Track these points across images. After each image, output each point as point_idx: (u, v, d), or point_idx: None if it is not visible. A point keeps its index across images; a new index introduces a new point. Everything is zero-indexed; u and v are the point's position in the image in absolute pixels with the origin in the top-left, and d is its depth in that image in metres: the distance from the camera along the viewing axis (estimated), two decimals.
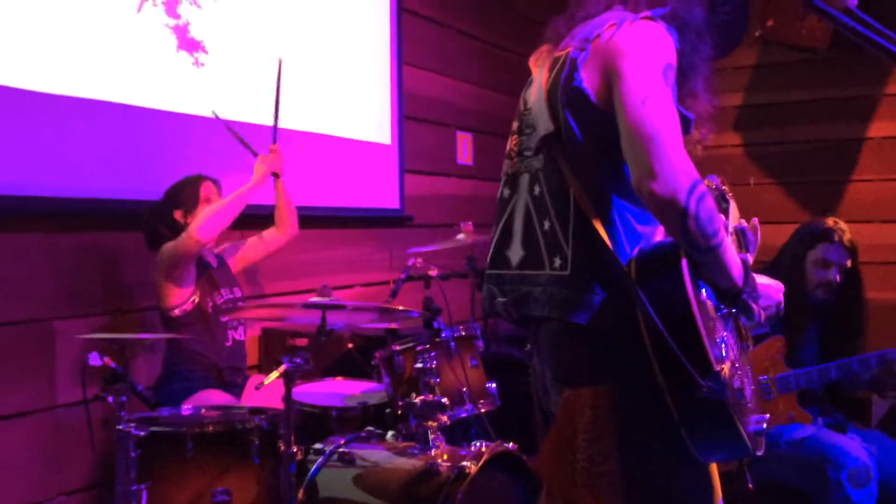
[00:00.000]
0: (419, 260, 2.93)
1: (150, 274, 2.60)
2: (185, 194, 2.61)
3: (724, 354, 1.41)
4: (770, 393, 2.45)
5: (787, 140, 4.44)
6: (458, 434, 2.64)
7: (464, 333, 2.41)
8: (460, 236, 2.94)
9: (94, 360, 1.99)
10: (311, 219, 3.31)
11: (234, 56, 3.07)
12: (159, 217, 2.60)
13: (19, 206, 2.40)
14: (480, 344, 2.45)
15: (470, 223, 2.96)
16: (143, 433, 1.93)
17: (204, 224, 2.46)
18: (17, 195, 2.39)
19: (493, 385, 2.43)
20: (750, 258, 1.57)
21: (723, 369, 1.35)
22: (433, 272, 2.74)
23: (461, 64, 4.42)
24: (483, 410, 2.38)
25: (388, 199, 3.89)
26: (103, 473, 2.57)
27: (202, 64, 2.95)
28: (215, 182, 2.68)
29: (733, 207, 1.78)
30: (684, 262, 1.39)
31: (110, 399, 1.94)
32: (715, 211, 1.36)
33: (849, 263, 2.60)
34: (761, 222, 1.64)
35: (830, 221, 2.64)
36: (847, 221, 2.80)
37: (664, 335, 1.33)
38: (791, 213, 4.25)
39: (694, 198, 1.32)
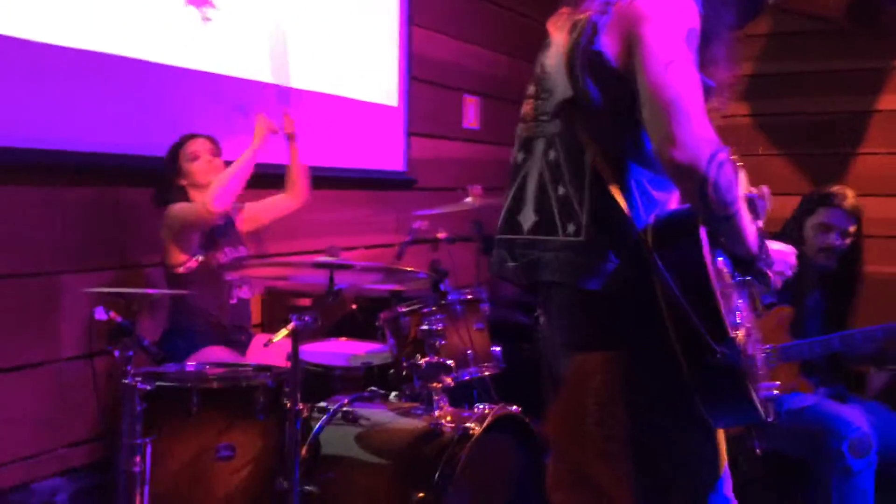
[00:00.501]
0: (425, 223, 2.92)
1: (155, 230, 2.59)
2: (173, 154, 2.61)
3: (738, 321, 1.41)
4: (772, 363, 2.46)
5: (797, 111, 4.41)
6: (460, 396, 2.65)
7: (470, 297, 2.41)
8: (468, 199, 2.93)
9: (100, 314, 1.99)
10: (316, 179, 3.28)
11: (242, 12, 3.03)
12: (161, 177, 2.59)
13: (25, 158, 2.38)
14: (486, 307, 2.45)
15: (479, 186, 2.94)
16: (148, 387, 1.93)
17: (218, 195, 2.46)
18: (23, 147, 2.37)
19: (498, 349, 2.43)
20: (760, 225, 1.56)
21: (737, 336, 1.36)
22: (442, 235, 2.73)
23: (469, 26, 4.36)
24: (487, 373, 2.39)
25: (393, 161, 3.87)
26: (105, 427, 2.58)
27: (209, 19, 2.90)
28: (209, 138, 2.66)
29: (742, 178, 1.76)
30: (702, 230, 1.39)
31: (116, 353, 1.94)
32: (734, 178, 1.35)
33: (852, 229, 2.58)
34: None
35: (835, 188, 2.62)
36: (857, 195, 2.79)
37: (681, 301, 1.33)
38: (799, 184, 4.23)
39: (714, 165, 1.31)
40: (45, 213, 2.48)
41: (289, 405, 1.96)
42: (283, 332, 1.89)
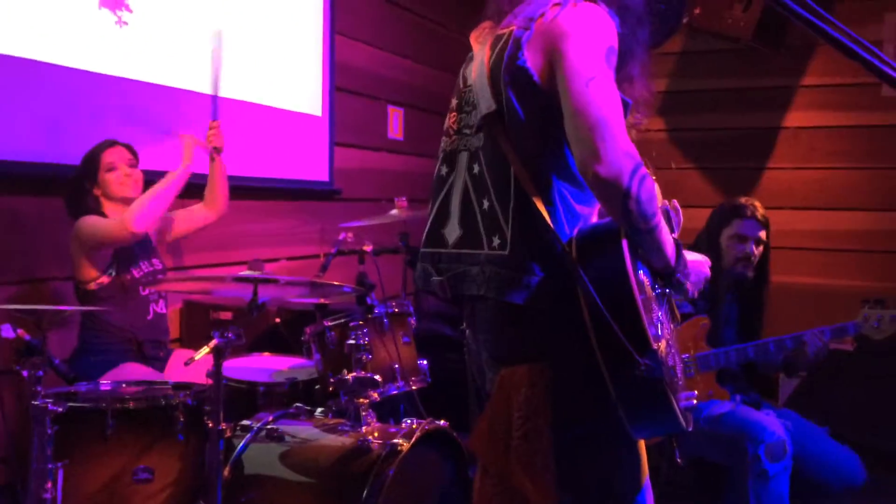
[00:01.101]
0: (350, 235, 2.88)
1: (63, 242, 2.47)
2: (88, 162, 2.49)
3: (659, 333, 1.44)
4: (690, 371, 2.53)
5: (708, 127, 4.58)
6: (386, 411, 2.63)
7: (397, 310, 2.39)
8: (394, 211, 2.91)
9: (7, 332, 1.89)
10: (237, 189, 3.21)
11: (159, 17, 2.93)
12: (74, 186, 2.47)
13: None
14: (413, 321, 2.43)
15: (404, 198, 2.93)
16: (60, 409, 1.84)
17: (139, 215, 2.35)
18: None
19: (425, 362, 2.42)
20: (675, 236, 1.61)
21: (659, 347, 1.39)
22: (367, 247, 2.70)
23: (394, 37, 4.36)
24: (415, 387, 2.37)
25: (317, 171, 3.81)
26: (11, 449, 2.44)
27: (125, 23, 2.80)
28: (127, 147, 2.55)
29: (657, 191, 1.81)
30: (624, 243, 1.41)
31: (25, 373, 1.84)
32: (654, 193, 1.38)
33: (763, 235, 2.70)
34: (681, 205, 1.68)
35: (743, 199, 2.74)
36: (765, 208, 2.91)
37: (604, 313, 1.34)
38: (710, 197, 4.39)
39: (636, 180, 1.34)
40: None
41: (211, 425, 1.89)
42: (205, 349, 1.83)
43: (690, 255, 1.55)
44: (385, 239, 3.32)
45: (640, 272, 1.48)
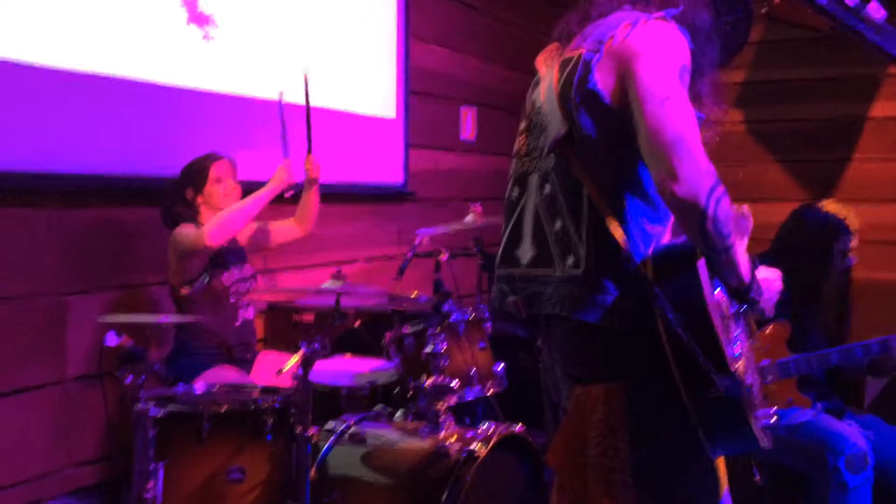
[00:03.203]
0: (426, 238, 2.95)
1: (160, 249, 2.61)
2: (195, 173, 2.61)
3: (738, 353, 1.45)
4: (769, 378, 2.50)
5: (789, 118, 4.45)
6: (463, 411, 2.69)
7: (473, 316, 2.44)
8: (469, 218, 2.96)
9: (112, 339, 2.02)
10: None
11: (244, 30, 3.05)
12: (173, 195, 2.61)
13: (31, 181, 2.40)
14: (489, 326, 2.48)
15: (479, 204, 2.97)
16: (160, 413, 1.96)
17: (216, 229, 2.46)
18: (29, 171, 2.39)
19: (501, 367, 2.47)
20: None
21: (738, 368, 1.39)
22: (443, 256, 2.76)
23: (466, 38, 4.39)
24: (491, 392, 2.42)
25: (391, 173, 3.89)
26: (111, 447, 2.61)
27: (212, 38, 2.92)
28: (231, 161, 2.68)
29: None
30: (701, 263, 1.42)
31: (128, 379, 1.97)
32: (731, 211, 1.38)
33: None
34: (761, 200, 1.67)
35: (838, 211, 2.68)
36: (846, 201, 2.85)
37: (682, 335, 1.35)
38: (791, 191, 4.27)
39: (713, 199, 1.34)
40: (49, 234, 2.50)
41: (299, 430, 1.99)
42: (294, 359, 1.92)
43: (761, 272, 1.54)
44: (460, 242, 3.37)
45: (717, 290, 1.49)
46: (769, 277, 1.58)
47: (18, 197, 2.42)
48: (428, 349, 2.30)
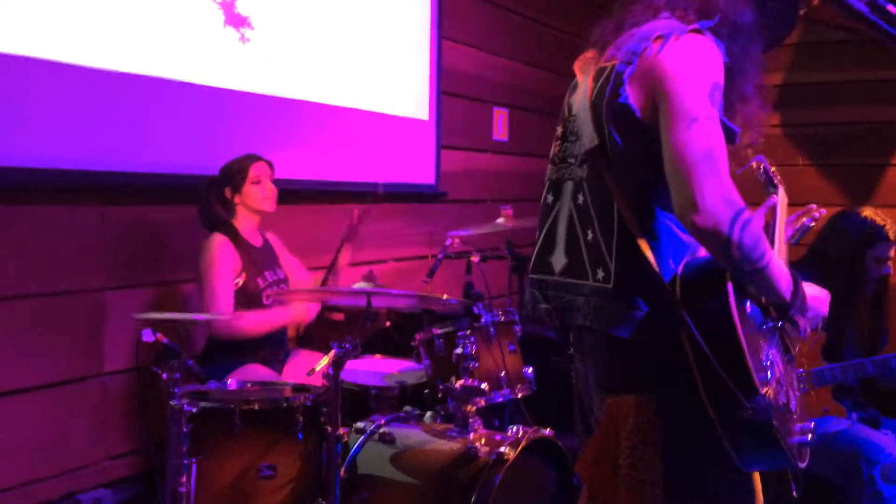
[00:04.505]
0: (456, 240, 2.96)
1: (195, 248, 2.64)
2: (235, 173, 2.64)
3: (769, 376, 1.40)
4: (804, 387, 2.47)
5: (826, 121, 4.38)
6: (492, 413, 2.69)
7: (503, 319, 2.44)
8: (500, 220, 2.96)
9: (148, 336, 2.05)
10: (348, 194, 3.35)
11: (279, 32, 3.09)
12: (211, 194, 2.65)
13: (73, 179, 2.46)
14: (518, 329, 2.48)
15: (510, 207, 2.97)
16: (194, 409, 2.00)
17: (236, 329, 2.52)
18: (71, 169, 2.45)
19: (530, 370, 2.47)
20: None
21: (767, 392, 1.35)
22: (475, 258, 2.76)
23: (498, 39, 4.39)
24: (520, 395, 2.42)
25: (423, 174, 3.91)
26: (146, 441, 2.66)
27: (248, 39, 2.96)
28: (269, 163, 2.71)
29: (782, 192, 1.77)
30: (730, 284, 1.38)
31: (164, 375, 2.00)
32: (761, 234, 1.34)
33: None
34: (798, 204, 1.64)
35: (876, 217, 2.64)
36: (885, 206, 2.80)
37: (710, 358, 1.33)
38: (830, 196, 4.21)
39: (737, 227, 1.30)
40: (89, 230, 2.55)
41: (330, 429, 2.01)
42: (325, 360, 1.94)
43: (811, 289, 1.50)
44: (490, 242, 3.37)
45: (747, 305, 1.45)
46: (820, 297, 1.53)
47: (61, 194, 2.47)
48: (458, 351, 2.31)
